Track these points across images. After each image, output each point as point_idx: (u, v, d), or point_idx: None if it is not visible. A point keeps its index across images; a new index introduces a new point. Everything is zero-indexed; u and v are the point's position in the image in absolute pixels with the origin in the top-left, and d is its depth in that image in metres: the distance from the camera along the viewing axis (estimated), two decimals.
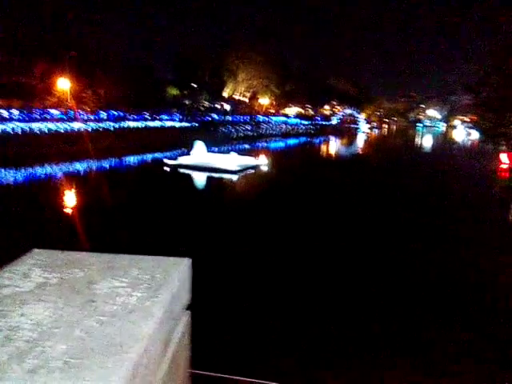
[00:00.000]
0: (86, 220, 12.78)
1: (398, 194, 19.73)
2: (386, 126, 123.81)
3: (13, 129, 28.13)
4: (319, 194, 18.64)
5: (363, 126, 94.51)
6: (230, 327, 6.57)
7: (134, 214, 13.90)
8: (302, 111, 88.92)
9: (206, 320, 5.07)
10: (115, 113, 42.23)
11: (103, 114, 40.44)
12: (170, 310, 1.54)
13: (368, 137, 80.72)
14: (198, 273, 1.87)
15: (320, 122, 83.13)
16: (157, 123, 43.13)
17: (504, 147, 30.15)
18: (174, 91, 60.31)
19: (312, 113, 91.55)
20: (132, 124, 39.24)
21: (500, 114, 26.95)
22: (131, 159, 30.67)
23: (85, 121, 35.31)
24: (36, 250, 1.97)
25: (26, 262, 1.80)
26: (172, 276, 1.70)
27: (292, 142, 55.99)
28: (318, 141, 60.34)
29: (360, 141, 68.75)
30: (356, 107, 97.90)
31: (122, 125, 37.37)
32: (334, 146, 57.39)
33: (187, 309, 1.77)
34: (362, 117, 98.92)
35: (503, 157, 30.92)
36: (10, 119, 30.90)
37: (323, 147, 54.84)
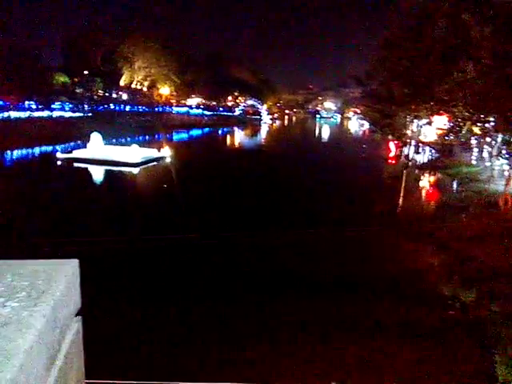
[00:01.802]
0: None
1: (294, 180, 20.50)
2: (287, 117, 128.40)
3: None
4: (221, 184, 18.60)
5: (266, 117, 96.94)
6: None
7: (21, 215, 12.46)
8: (205, 102, 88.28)
9: None
10: None
11: None
12: (54, 319, 1.36)
13: (270, 127, 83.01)
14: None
15: (223, 113, 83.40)
16: (44, 113, 39.41)
17: (390, 136, 33.01)
18: (62, 78, 55.45)
19: (215, 103, 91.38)
20: (15, 114, 35.34)
21: (386, 106, 29.32)
22: (16, 153, 27.66)
23: None
24: None
25: None
26: (56, 280, 1.51)
27: (195, 133, 55.38)
28: (221, 132, 60.53)
29: (262, 131, 70.38)
30: (258, 98, 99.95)
31: (3, 115, 33.45)
32: (236, 136, 58.03)
33: (78, 314, 1.56)
34: (264, 108, 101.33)
35: (392, 146, 33.85)
36: None
37: (226, 138, 55.20)
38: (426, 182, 23.25)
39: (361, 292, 7.86)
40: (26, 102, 41.11)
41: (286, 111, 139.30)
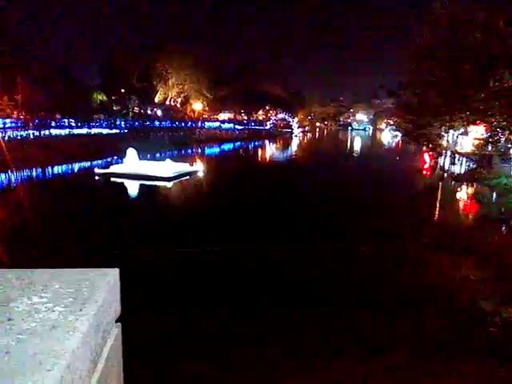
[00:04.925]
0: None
1: (326, 193, 20.37)
2: (318, 130, 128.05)
3: None
4: (255, 200, 18.65)
5: (297, 130, 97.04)
6: None
7: (63, 228, 12.99)
8: (236, 116, 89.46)
9: None
10: (36, 120, 39.58)
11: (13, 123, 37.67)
12: (97, 324, 1.46)
13: (301, 140, 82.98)
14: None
15: (254, 127, 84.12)
16: (83, 130, 41.05)
17: (424, 147, 32.31)
18: (100, 96, 57.77)
19: (246, 118, 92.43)
20: (56, 131, 36.99)
21: (419, 116, 28.83)
22: (57, 169, 28.83)
23: (1, 129, 32.68)
24: None
25: None
26: (98, 288, 1.62)
27: (227, 147, 56.04)
28: (252, 145, 60.98)
29: (294, 144, 70.44)
30: (289, 112, 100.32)
31: (44, 132, 35.08)
32: (268, 149, 58.30)
33: (118, 321, 1.67)
34: (295, 121, 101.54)
35: (426, 157, 33.13)
36: None
37: (257, 151, 55.50)
38: (463, 193, 22.56)
39: (399, 308, 7.68)
40: (67, 120, 42.90)
41: (318, 124, 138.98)
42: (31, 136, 33.44)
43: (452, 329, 6.98)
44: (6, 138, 30.85)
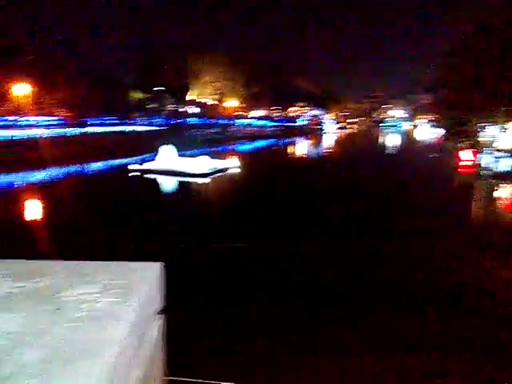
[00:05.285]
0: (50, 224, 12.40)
1: (360, 190, 20.13)
2: (355, 126, 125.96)
3: None
4: (289, 195, 18.69)
5: (330, 127, 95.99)
6: None
7: (100, 222, 13.52)
8: (269, 113, 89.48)
9: None
10: (77, 118, 41.13)
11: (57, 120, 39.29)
12: (142, 315, 1.52)
13: (334, 137, 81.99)
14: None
15: (287, 124, 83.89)
16: (122, 127, 42.30)
17: (463, 144, 31.28)
18: (137, 95, 59.32)
19: (279, 114, 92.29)
20: (96, 129, 38.31)
21: (458, 113, 27.98)
22: (95, 166, 29.90)
23: (45, 126, 34.18)
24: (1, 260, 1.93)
25: None
26: (142, 280, 1.69)
27: (260, 143, 56.19)
28: (285, 142, 60.83)
29: (326, 141, 69.77)
30: (322, 108, 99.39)
31: (84, 130, 36.42)
32: (300, 146, 58.01)
33: (161, 313, 1.74)
34: (328, 117, 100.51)
35: (464, 154, 32.02)
36: None
37: (290, 148, 55.32)
38: (504, 192, 21.77)
39: (445, 310, 7.54)
40: (105, 118, 44.31)
41: (351, 120, 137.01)
42: (71, 133, 34.77)
43: (488, 330, 6.83)
44: (49, 135, 32.27)
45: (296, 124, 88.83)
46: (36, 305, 1.47)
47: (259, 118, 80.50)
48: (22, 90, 39.67)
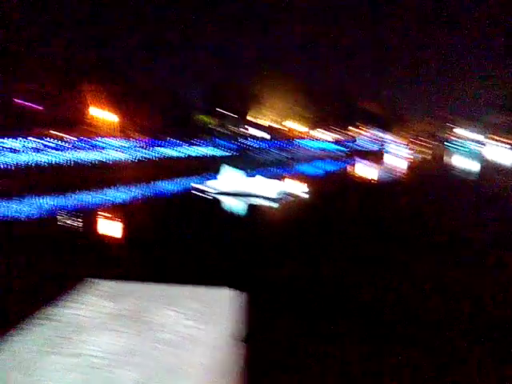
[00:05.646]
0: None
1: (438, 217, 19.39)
2: (418, 148, 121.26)
3: (64, 159, 29.91)
4: (364, 221, 18.33)
5: (394, 148, 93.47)
6: None
7: (165, 242, 14.26)
8: (333, 135, 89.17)
9: None
10: (151, 141, 43.84)
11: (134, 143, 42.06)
12: (223, 341, 1.58)
13: (401, 158, 79.41)
14: None
15: (351, 146, 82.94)
16: (191, 150, 44.36)
17: None
18: (206, 119, 62.10)
19: (343, 136, 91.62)
20: (168, 152, 40.56)
21: None
22: (166, 185, 31.51)
23: (124, 150, 36.85)
24: (90, 280, 2.07)
25: (82, 292, 1.92)
26: (225, 307, 1.77)
27: (326, 166, 55.94)
28: (350, 164, 59.94)
29: (392, 163, 67.82)
30: (386, 129, 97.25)
31: (158, 153, 38.72)
32: (367, 169, 56.91)
33: (241, 340, 1.80)
34: (392, 139, 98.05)
35: None
36: (56, 149, 32.64)
37: (356, 171, 54.44)
38: None
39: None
40: (175, 141, 46.70)
41: (417, 141, 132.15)
42: (145, 156, 37.11)
43: None
44: (125, 157, 34.78)
45: (360, 146, 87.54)
46: (127, 325, 1.56)
47: (323, 141, 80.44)
48: (101, 114, 43.24)
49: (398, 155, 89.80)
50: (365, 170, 54.96)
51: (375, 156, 78.26)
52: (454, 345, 7.20)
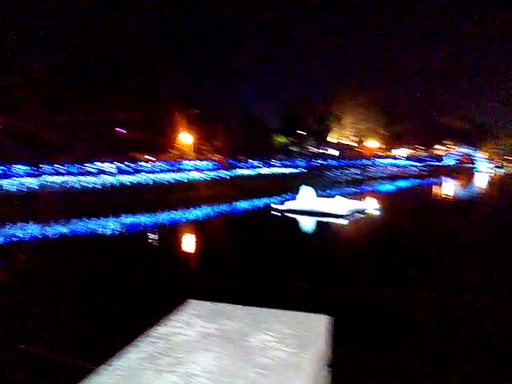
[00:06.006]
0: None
1: None
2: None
3: (144, 180, 32.74)
4: (440, 243, 17.54)
5: (482, 166, 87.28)
6: None
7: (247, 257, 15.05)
8: (413, 152, 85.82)
9: None
10: (231, 162, 46.00)
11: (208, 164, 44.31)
12: (317, 367, 1.59)
13: (488, 177, 73.93)
14: None
15: (433, 163, 79.13)
16: (266, 170, 45.66)
17: None
18: (281, 139, 63.51)
19: (423, 153, 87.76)
20: (244, 172, 42.21)
21: None
22: (243, 204, 32.75)
23: (205, 170, 39.27)
24: (191, 301, 2.19)
25: (185, 313, 2.02)
26: (317, 333, 1.77)
27: (402, 184, 54.08)
28: (431, 182, 57.17)
29: (479, 182, 63.51)
30: (472, 145, 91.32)
31: (235, 173, 40.51)
32: (449, 187, 53.91)
33: (330, 367, 1.81)
34: (480, 155, 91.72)
35: None
36: (140, 171, 35.77)
37: (437, 189, 51.86)
38: None
39: None
40: (252, 161, 48.42)
41: (507, 157, 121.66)
42: (223, 176, 39.04)
43: None
44: (204, 178, 36.99)
45: (443, 163, 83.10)
46: (228, 347, 1.60)
47: (402, 158, 77.83)
48: (184, 138, 46.41)
49: (487, 172, 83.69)
50: (449, 189, 52.18)
51: (462, 173, 73.79)
52: None
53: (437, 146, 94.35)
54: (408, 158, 77.99)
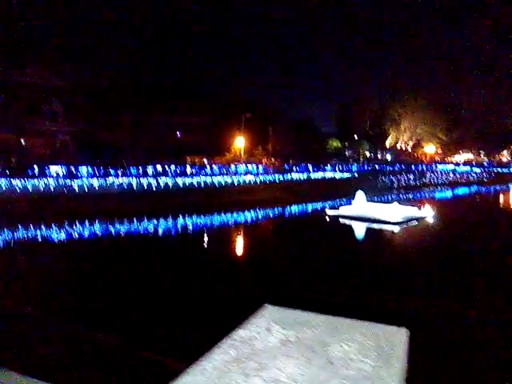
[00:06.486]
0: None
1: None
2: None
3: (204, 182, 33.87)
4: (497, 253, 16.93)
5: None
6: None
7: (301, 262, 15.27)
8: (474, 158, 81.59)
9: None
10: (286, 166, 46.29)
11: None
12: (400, 381, 1.59)
13: None
14: None
15: (496, 170, 74.69)
16: (319, 174, 45.45)
17: None
18: (335, 143, 62.93)
19: (485, 159, 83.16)
20: (296, 176, 42.31)
21: None
22: (296, 208, 32.91)
23: (255, 174, 39.86)
24: (268, 306, 2.24)
25: (264, 318, 2.08)
26: (397, 346, 1.77)
27: (461, 191, 51.74)
28: (493, 190, 54.17)
29: None
30: None
31: (287, 177, 40.74)
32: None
33: (406, 381, 1.81)
34: None
35: None
36: (196, 174, 36.98)
37: (500, 197, 49.08)
38: None
39: None
40: (305, 165, 48.38)
41: None
42: (277, 179, 39.40)
43: None
44: (258, 180, 37.53)
45: (509, 170, 78.09)
46: (309, 355, 1.62)
47: (462, 164, 74.22)
48: (240, 142, 47.37)
49: None
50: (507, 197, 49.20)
51: None
52: None
53: (502, 152, 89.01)
54: (469, 164, 74.25)
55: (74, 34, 43.10)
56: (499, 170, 75.15)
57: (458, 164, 72.86)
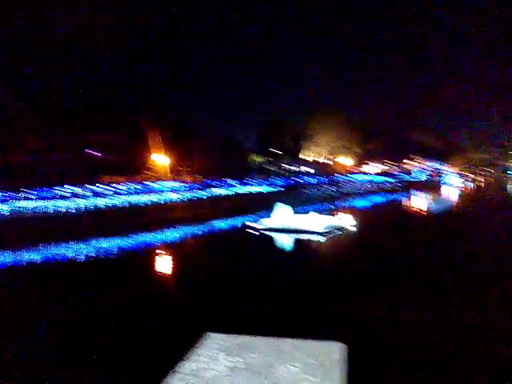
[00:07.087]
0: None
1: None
2: (476, 178, 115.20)
3: (121, 202, 32.06)
4: (417, 259, 17.72)
5: (451, 179, 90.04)
6: None
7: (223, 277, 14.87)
8: (384, 168, 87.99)
9: None
10: (206, 182, 45.84)
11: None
12: None
13: (458, 189, 76.32)
14: None
15: (404, 178, 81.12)
16: (244, 189, 45.66)
17: None
18: (258, 158, 64.12)
19: (395, 169, 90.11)
20: (221, 191, 42.08)
21: None
22: (220, 224, 32.45)
23: (180, 191, 38.95)
24: (210, 334, 2.15)
25: (209, 347, 2.01)
26: (339, 362, 1.78)
27: (377, 199, 54.96)
28: (405, 197, 58.25)
29: (448, 194, 65.42)
30: (442, 160, 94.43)
31: (212, 193, 40.33)
32: (420, 201, 55.18)
33: None
34: (449, 170, 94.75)
35: None
36: (117, 193, 35.16)
37: (409, 203, 53.00)
38: None
39: None
40: (228, 180, 48.41)
41: (476, 171, 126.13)
42: (200, 196, 38.81)
43: None
44: (182, 198, 36.66)
45: (413, 178, 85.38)
46: (259, 380, 1.61)
47: (374, 174, 79.52)
48: (158, 159, 46.18)
49: (455, 186, 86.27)
50: (419, 202, 53.39)
51: (431, 187, 75.79)
52: None
53: (405, 161, 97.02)
54: (380, 174, 79.74)
55: None
56: (409, 179, 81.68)
57: (369, 174, 77.96)
